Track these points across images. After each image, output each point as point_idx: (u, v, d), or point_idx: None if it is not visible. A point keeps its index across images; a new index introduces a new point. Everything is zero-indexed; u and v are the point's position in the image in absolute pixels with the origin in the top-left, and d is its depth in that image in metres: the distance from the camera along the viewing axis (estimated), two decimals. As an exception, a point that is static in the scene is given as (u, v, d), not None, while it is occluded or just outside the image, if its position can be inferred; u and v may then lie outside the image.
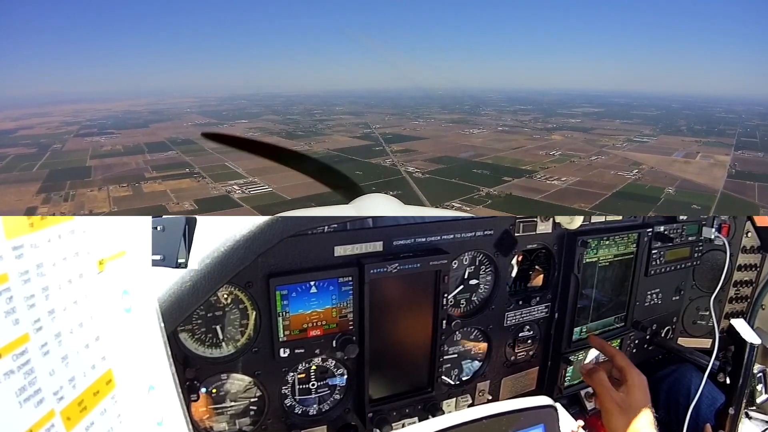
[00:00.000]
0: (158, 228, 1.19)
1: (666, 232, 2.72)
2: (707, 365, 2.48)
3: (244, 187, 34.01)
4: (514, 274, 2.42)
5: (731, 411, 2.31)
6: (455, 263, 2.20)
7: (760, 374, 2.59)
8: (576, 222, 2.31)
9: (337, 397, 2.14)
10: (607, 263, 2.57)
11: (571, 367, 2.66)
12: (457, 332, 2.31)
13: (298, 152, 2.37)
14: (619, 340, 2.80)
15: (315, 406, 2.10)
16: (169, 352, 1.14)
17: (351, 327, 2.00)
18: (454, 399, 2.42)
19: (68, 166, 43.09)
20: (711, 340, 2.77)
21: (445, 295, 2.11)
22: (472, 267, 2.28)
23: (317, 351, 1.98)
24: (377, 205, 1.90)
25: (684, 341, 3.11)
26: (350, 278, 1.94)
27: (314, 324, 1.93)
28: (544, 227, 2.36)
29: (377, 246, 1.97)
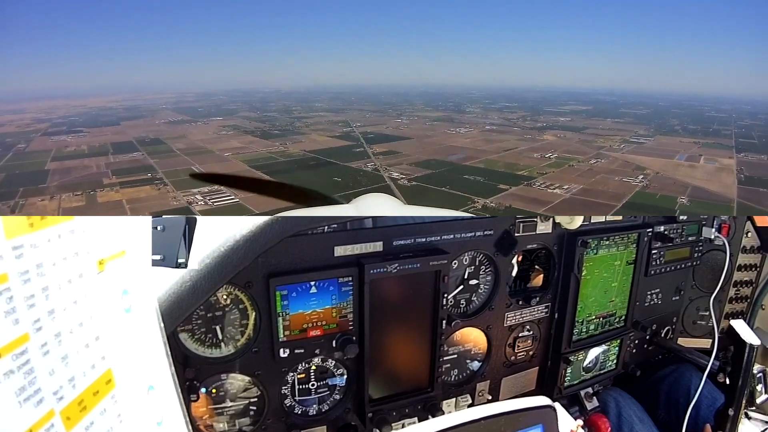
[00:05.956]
0: (158, 228, 1.19)
1: (666, 232, 2.72)
2: (707, 365, 2.49)
3: (208, 198, 31.38)
4: (514, 274, 2.42)
5: (731, 411, 2.31)
6: (455, 263, 2.20)
7: (760, 374, 2.59)
8: (576, 222, 2.31)
9: (337, 397, 2.14)
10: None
11: (571, 367, 2.66)
12: (457, 332, 2.32)
13: (278, 182, 2.42)
14: (619, 340, 2.81)
15: (315, 406, 2.10)
16: (169, 352, 1.14)
17: (351, 327, 2.00)
18: (454, 399, 2.42)
19: (26, 169, 40.25)
20: (711, 340, 2.77)
21: (445, 295, 2.11)
22: (472, 267, 2.28)
23: (317, 351, 1.98)
24: (377, 205, 1.90)
25: (684, 341, 3.11)
26: (350, 278, 1.94)
27: (314, 324, 1.93)
28: (544, 227, 2.36)
29: (377, 246, 1.98)
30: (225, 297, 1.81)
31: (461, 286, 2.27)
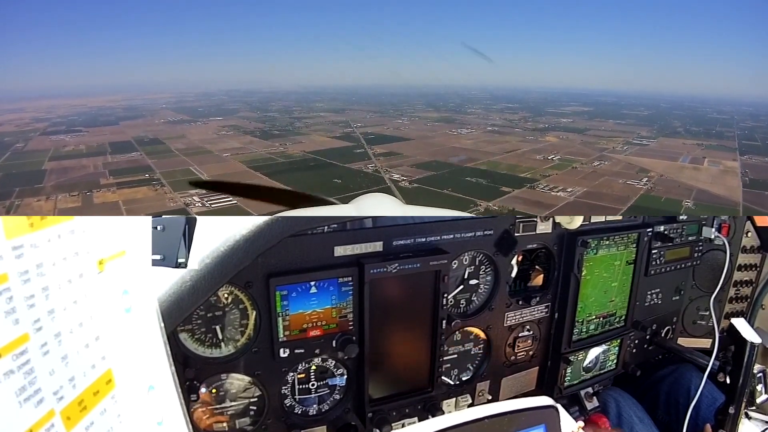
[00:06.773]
0: (158, 228, 1.19)
1: (666, 232, 2.72)
2: (707, 365, 2.49)
3: (205, 199, 30.41)
4: (514, 274, 2.42)
5: (731, 411, 2.31)
6: (455, 263, 2.20)
7: (760, 374, 2.59)
8: (576, 222, 2.31)
9: (337, 397, 2.14)
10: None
11: (571, 367, 2.66)
12: (456, 332, 2.32)
13: (279, 188, 2.41)
14: (619, 340, 2.80)
15: (315, 406, 2.10)
16: (169, 352, 1.13)
17: (351, 327, 2.00)
18: (454, 399, 2.42)
19: (24, 169, 39.34)
20: (711, 340, 2.77)
21: (445, 295, 2.11)
22: (472, 267, 2.28)
23: (317, 351, 1.98)
24: (377, 204, 1.90)
25: (684, 341, 3.11)
26: (350, 278, 1.94)
27: (314, 324, 1.93)
28: (544, 227, 2.36)
29: (377, 246, 1.98)
30: (225, 297, 1.81)
31: (461, 286, 2.27)
